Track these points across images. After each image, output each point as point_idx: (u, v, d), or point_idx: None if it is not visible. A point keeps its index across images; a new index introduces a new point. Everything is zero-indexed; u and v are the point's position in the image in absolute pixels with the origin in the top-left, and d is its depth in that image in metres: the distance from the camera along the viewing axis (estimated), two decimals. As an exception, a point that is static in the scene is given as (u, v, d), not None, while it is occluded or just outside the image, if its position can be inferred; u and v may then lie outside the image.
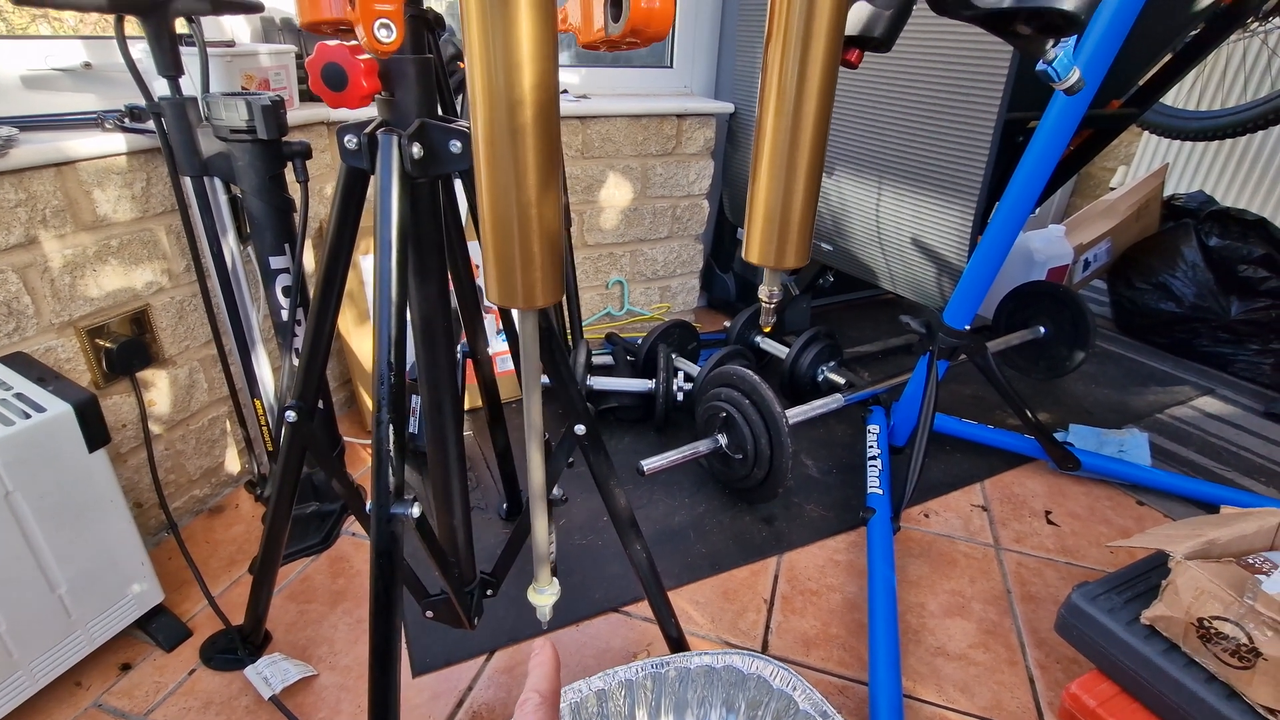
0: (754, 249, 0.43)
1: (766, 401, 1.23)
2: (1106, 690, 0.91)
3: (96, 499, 0.89)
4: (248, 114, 0.93)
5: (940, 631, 1.08)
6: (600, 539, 1.24)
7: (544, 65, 0.31)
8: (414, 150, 0.59)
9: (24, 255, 0.94)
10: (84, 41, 1.11)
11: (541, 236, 0.35)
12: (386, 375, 0.60)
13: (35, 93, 1.07)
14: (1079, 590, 0.96)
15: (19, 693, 0.85)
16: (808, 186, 0.42)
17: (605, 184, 1.80)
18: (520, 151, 0.32)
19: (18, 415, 0.81)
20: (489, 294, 0.37)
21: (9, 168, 0.88)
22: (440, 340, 0.74)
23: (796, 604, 1.13)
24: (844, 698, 0.97)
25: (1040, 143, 1.11)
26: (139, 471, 1.13)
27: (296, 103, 1.27)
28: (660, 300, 2.08)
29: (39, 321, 0.97)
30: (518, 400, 1.67)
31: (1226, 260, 1.96)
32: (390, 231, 0.60)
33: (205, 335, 1.21)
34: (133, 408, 1.10)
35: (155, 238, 1.09)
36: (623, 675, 0.84)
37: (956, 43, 1.29)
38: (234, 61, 1.11)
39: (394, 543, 0.62)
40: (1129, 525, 1.34)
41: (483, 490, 1.38)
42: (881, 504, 1.27)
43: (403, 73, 0.59)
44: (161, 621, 1.01)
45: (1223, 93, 2.37)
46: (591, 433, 0.78)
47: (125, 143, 1.00)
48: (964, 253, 1.40)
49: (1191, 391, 1.86)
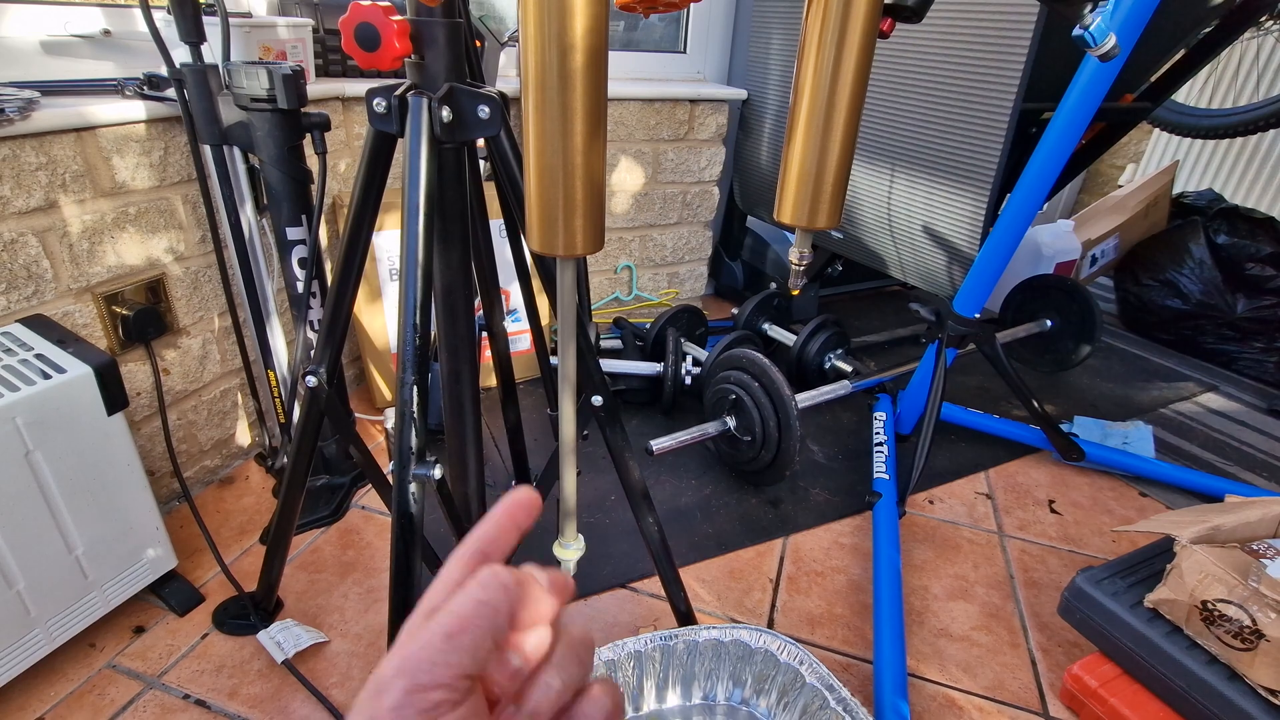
0: (787, 209, 0.44)
1: (776, 384, 1.24)
2: (1108, 672, 0.92)
3: (114, 462, 0.90)
4: (269, 83, 0.93)
5: (944, 613, 1.09)
6: (608, 517, 1.25)
7: (596, 9, 0.32)
8: (443, 114, 0.60)
9: (44, 219, 0.94)
10: (103, 9, 1.11)
11: (586, 184, 0.35)
12: (411, 337, 0.61)
13: (55, 59, 1.07)
14: (1083, 574, 0.97)
15: (36, 650, 0.86)
16: (843, 149, 0.42)
17: (616, 168, 1.80)
18: (569, 97, 0.33)
19: (38, 375, 0.81)
20: (530, 241, 0.38)
21: (31, 131, 0.89)
22: (461, 309, 0.74)
23: (802, 584, 1.14)
24: (848, 675, 0.98)
25: (1055, 133, 1.11)
26: (152, 440, 1.14)
27: (313, 77, 1.28)
28: (668, 286, 2.09)
29: (57, 286, 0.97)
30: (528, 380, 1.68)
31: (1234, 258, 1.97)
32: (419, 195, 0.60)
33: (219, 306, 1.21)
34: (147, 376, 1.11)
35: (172, 207, 1.09)
36: (631, 647, 0.85)
37: (973, 30, 1.29)
38: (252, 33, 1.11)
39: (415, 504, 0.63)
40: (1131, 515, 1.35)
41: (491, 467, 1.38)
42: (887, 489, 1.28)
43: (433, 36, 0.60)
44: (174, 587, 1.02)
45: (1234, 91, 2.37)
46: (608, 405, 0.79)
47: (145, 110, 1.01)
48: (975, 242, 1.40)
49: (1196, 387, 1.86)
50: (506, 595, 0.22)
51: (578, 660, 0.24)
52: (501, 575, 0.23)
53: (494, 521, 0.26)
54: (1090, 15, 0.38)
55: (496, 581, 0.23)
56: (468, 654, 0.21)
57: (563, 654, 0.24)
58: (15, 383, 0.79)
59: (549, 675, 0.23)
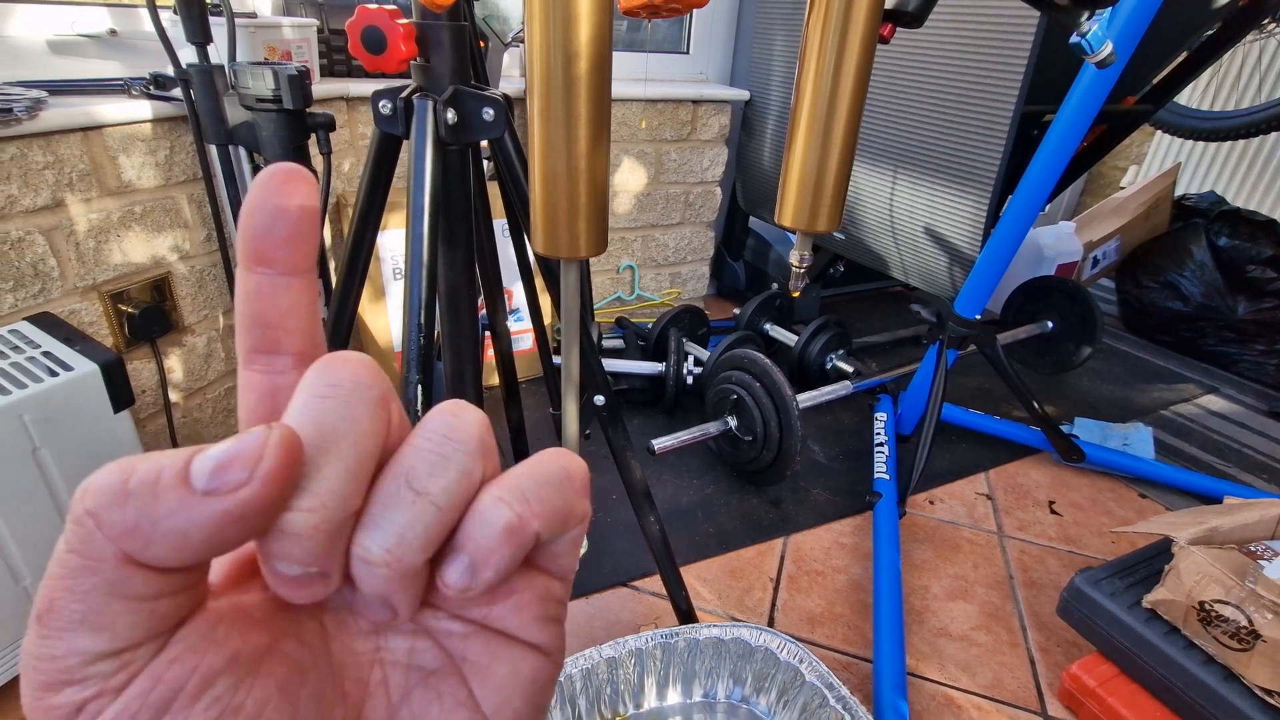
0: (787, 212, 0.45)
1: (777, 384, 1.25)
2: (1106, 671, 0.92)
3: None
4: (274, 83, 0.94)
5: (943, 613, 1.10)
6: (610, 515, 1.26)
7: (600, 18, 0.32)
8: (448, 116, 0.60)
9: (50, 218, 0.95)
10: (110, 9, 1.12)
11: (589, 188, 0.36)
12: (415, 336, 0.62)
13: (62, 58, 1.08)
14: (1082, 574, 0.97)
15: (42, 645, 0.87)
16: (843, 153, 0.43)
17: (619, 168, 1.80)
18: (573, 104, 0.34)
19: (45, 373, 0.82)
20: (534, 244, 0.38)
21: (39, 130, 0.90)
22: (464, 308, 0.75)
23: (802, 583, 1.14)
24: (848, 673, 0.99)
25: (1057, 134, 1.11)
26: (156, 438, 1.15)
27: (317, 77, 1.28)
28: (670, 286, 2.09)
29: (63, 284, 0.98)
30: (531, 380, 1.69)
31: (1235, 260, 1.97)
32: (423, 197, 0.61)
33: (224, 304, 1.22)
34: (152, 374, 1.12)
35: (177, 206, 1.10)
36: (633, 644, 0.85)
37: (975, 33, 1.29)
38: (257, 33, 1.12)
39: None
40: (1131, 516, 1.35)
41: (493, 466, 1.39)
42: (888, 489, 1.28)
43: (438, 39, 0.60)
44: (179, 583, 1.03)
45: (1237, 93, 2.37)
46: (610, 404, 0.80)
47: (151, 110, 1.01)
48: (977, 243, 1.41)
49: (1196, 389, 1.87)
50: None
51: (427, 476, 0.14)
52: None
53: (255, 209, 0.15)
54: (1087, 23, 0.39)
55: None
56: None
57: (390, 488, 0.14)
58: (22, 380, 0.80)
59: (364, 537, 0.14)
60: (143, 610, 0.12)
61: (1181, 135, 1.95)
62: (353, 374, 0.14)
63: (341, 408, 0.14)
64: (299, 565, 0.13)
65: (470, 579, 0.14)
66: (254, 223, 0.15)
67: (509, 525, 0.14)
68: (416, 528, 0.14)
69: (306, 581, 0.13)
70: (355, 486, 0.13)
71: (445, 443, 0.14)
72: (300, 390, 0.14)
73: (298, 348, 0.15)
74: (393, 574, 0.14)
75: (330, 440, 0.13)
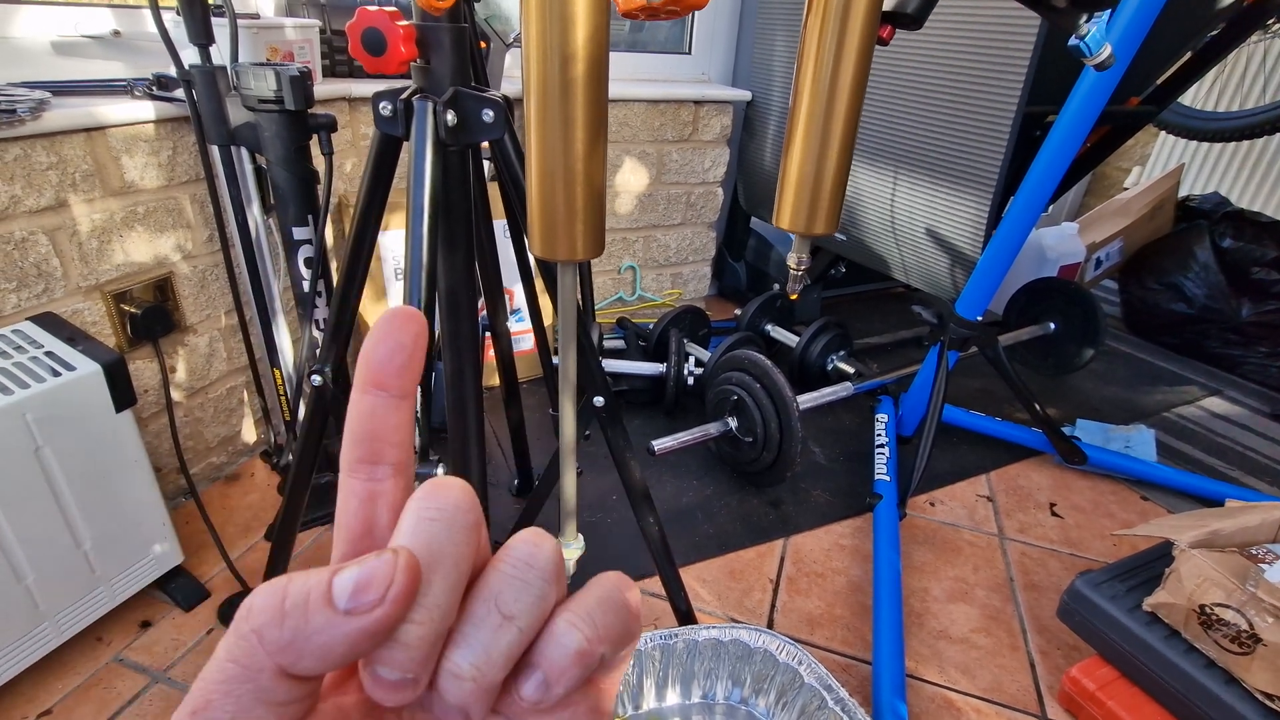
0: (785, 215, 0.44)
1: (778, 386, 1.25)
2: (1106, 675, 0.92)
3: (122, 459, 0.91)
4: (276, 84, 0.94)
5: (943, 615, 1.10)
6: (609, 517, 1.26)
7: (597, 20, 0.32)
8: (448, 117, 0.60)
9: (54, 218, 0.95)
10: (113, 10, 1.12)
11: (587, 190, 0.36)
12: (415, 338, 0.62)
13: (65, 59, 1.09)
14: (1082, 577, 0.97)
15: (44, 644, 0.87)
16: (840, 155, 0.43)
17: (621, 168, 1.81)
18: (570, 106, 0.34)
19: (48, 373, 0.82)
20: (532, 246, 0.38)
21: (42, 130, 0.90)
22: (465, 309, 0.75)
23: (802, 585, 1.14)
24: (847, 675, 0.99)
25: (1059, 135, 1.11)
26: (159, 437, 1.15)
27: (320, 78, 1.29)
28: (672, 287, 2.09)
29: (66, 284, 0.98)
30: (532, 380, 1.69)
31: (1239, 262, 1.96)
32: (423, 198, 0.61)
33: (226, 304, 1.22)
34: (155, 373, 1.12)
35: (180, 206, 1.10)
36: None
37: (976, 34, 1.29)
38: (260, 34, 1.12)
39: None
40: (1133, 519, 1.35)
41: (494, 467, 1.39)
42: (888, 491, 1.28)
43: (439, 41, 0.60)
44: (180, 582, 1.03)
45: (1241, 94, 2.37)
46: (610, 405, 0.80)
47: (154, 110, 1.02)
48: (978, 245, 1.40)
49: (1199, 392, 1.86)
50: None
51: (513, 600, 0.16)
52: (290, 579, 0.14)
53: (377, 346, 0.17)
54: (1085, 25, 0.39)
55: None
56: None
57: (480, 610, 0.16)
58: (25, 379, 0.80)
59: (456, 654, 0.15)
60: (282, 714, 0.14)
61: (1185, 136, 1.94)
62: (455, 499, 0.16)
63: (446, 530, 0.15)
64: (399, 671, 0.15)
65: (544, 693, 0.16)
66: (377, 355, 0.17)
67: (580, 649, 0.16)
68: (501, 647, 0.15)
69: (402, 686, 0.15)
70: (455, 601, 0.15)
71: (528, 570, 0.16)
72: (409, 512, 0.16)
73: (396, 458, 0.18)
74: (477, 688, 0.15)
75: (437, 559, 0.15)
